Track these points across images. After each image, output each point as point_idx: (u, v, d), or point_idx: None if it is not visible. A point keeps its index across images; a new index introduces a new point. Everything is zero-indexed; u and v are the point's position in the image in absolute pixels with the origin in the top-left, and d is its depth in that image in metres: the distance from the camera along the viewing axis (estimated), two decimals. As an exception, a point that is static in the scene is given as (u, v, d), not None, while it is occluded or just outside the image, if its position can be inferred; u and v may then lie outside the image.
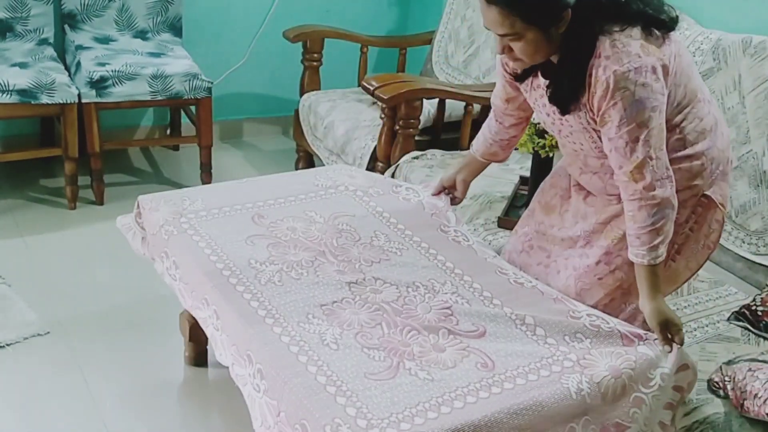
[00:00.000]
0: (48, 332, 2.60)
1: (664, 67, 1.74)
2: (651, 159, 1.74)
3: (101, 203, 3.41)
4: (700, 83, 1.90)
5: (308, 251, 2.07)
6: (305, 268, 2.00)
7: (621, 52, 1.71)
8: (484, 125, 2.23)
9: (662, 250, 1.79)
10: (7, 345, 2.52)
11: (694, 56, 2.58)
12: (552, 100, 1.86)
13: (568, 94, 1.82)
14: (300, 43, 3.63)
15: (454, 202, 2.34)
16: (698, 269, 2.00)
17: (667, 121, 1.79)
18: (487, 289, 1.99)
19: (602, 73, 1.72)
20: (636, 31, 1.73)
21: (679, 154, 1.85)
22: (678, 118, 1.84)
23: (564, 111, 1.86)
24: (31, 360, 2.49)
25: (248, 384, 1.76)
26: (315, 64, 3.67)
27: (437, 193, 2.33)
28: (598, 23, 1.73)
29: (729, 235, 2.44)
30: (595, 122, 1.81)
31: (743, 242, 2.41)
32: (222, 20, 3.94)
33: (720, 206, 1.92)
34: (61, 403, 2.33)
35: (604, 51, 1.72)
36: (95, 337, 2.60)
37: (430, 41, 3.80)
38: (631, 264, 1.86)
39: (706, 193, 1.90)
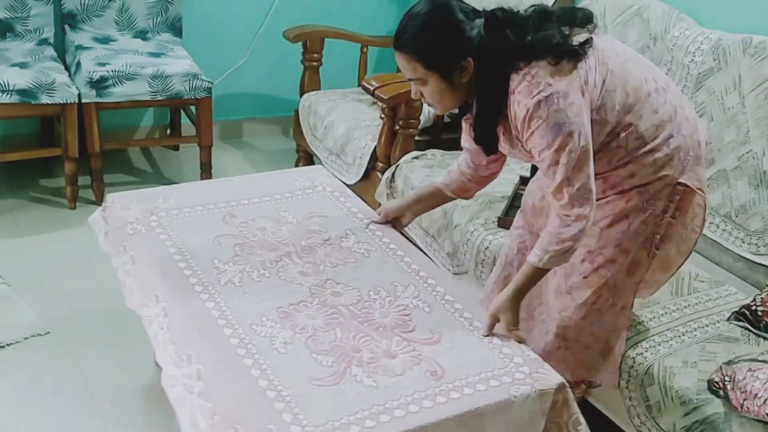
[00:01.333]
0: (48, 332, 2.60)
1: (581, 87, 1.76)
2: (569, 181, 1.77)
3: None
4: (645, 76, 1.88)
5: (275, 252, 2.08)
6: (268, 269, 2.01)
7: (531, 84, 1.74)
8: (459, 161, 2.17)
9: (551, 259, 1.82)
10: (7, 345, 2.52)
11: (694, 56, 2.58)
12: (477, 142, 1.94)
13: (488, 135, 1.90)
14: (300, 43, 3.63)
15: (397, 228, 2.29)
16: (689, 254, 2.03)
17: (617, 126, 1.84)
18: (450, 293, 1.98)
19: (517, 107, 1.78)
20: (543, 63, 1.75)
21: (641, 151, 1.87)
22: (628, 118, 1.85)
23: (488, 151, 1.96)
24: (31, 360, 2.49)
25: (179, 385, 1.74)
26: (315, 64, 3.67)
27: (382, 223, 2.27)
28: (505, 65, 1.77)
29: (729, 235, 2.44)
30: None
31: (743, 242, 2.40)
32: (222, 20, 3.94)
33: (698, 191, 1.94)
34: (61, 403, 2.33)
35: (516, 87, 1.77)
36: (95, 337, 2.60)
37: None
38: (614, 261, 1.92)
39: (680, 180, 1.91)
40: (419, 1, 1.81)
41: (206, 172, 3.56)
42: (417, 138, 3.06)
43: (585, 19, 1.86)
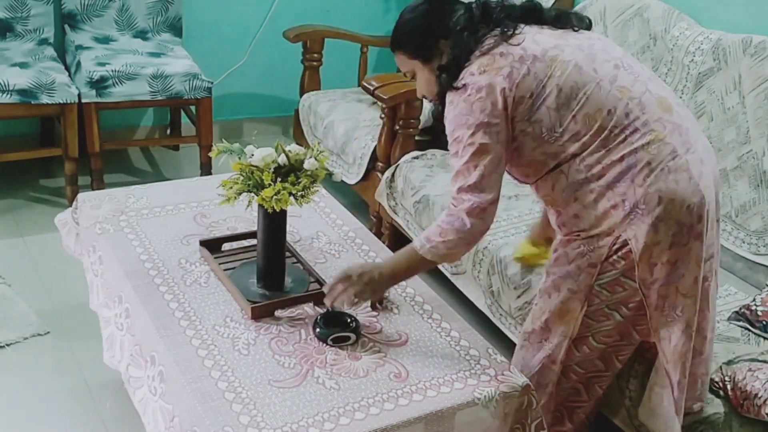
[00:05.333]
0: (48, 332, 2.60)
1: (502, 89, 1.70)
2: (462, 174, 1.75)
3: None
4: (612, 105, 1.70)
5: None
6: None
7: (469, 66, 1.75)
8: None
9: (432, 250, 1.77)
10: (7, 345, 2.52)
11: (694, 56, 2.58)
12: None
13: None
14: (300, 43, 3.63)
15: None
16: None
17: (560, 151, 1.73)
18: (420, 294, 1.98)
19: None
20: (481, 56, 1.74)
21: (583, 188, 1.75)
22: (573, 148, 1.73)
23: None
24: (31, 360, 2.49)
25: (144, 386, 1.75)
26: (315, 64, 3.67)
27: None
28: (466, 51, 1.77)
29: (729, 235, 2.44)
30: None
31: (743, 242, 2.40)
32: (222, 20, 3.93)
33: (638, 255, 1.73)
34: (61, 403, 2.33)
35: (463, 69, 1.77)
36: (95, 337, 2.59)
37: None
38: (549, 295, 1.86)
39: (626, 237, 1.72)
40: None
41: (206, 172, 3.56)
42: (417, 138, 3.06)
43: (578, 22, 1.83)
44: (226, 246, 2.10)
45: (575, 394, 1.95)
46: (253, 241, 2.11)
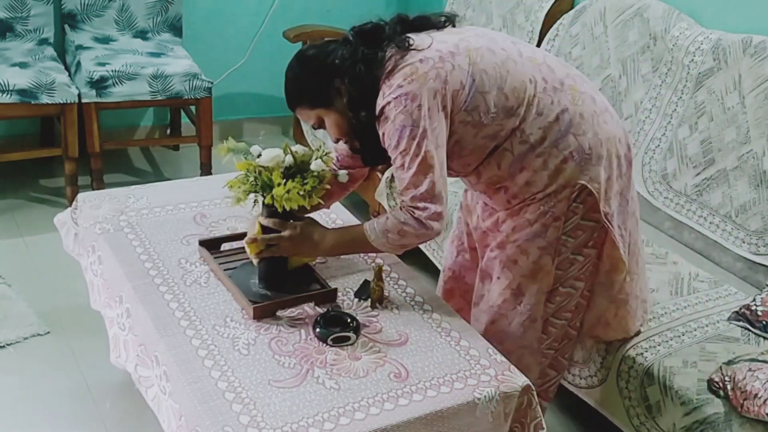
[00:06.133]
0: (48, 332, 2.60)
1: (436, 91, 1.73)
2: (414, 184, 1.76)
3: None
4: (529, 75, 1.81)
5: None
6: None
7: (386, 87, 1.76)
8: None
9: (385, 244, 1.84)
10: (7, 345, 2.52)
11: (694, 56, 2.58)
12: (364, 160, 1.94)
13: (369, 144, 1.86)
14: (300, 43, 3.63)
15: None
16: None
17: (500, 129, 1.80)
18: (420, 294, 1.98)
19: (376, 110, 1.78)
20: (404, 68, 1.74)
21: (530, 156, 1.82)
22: (511, 122, 1.80)
23: (372, 161, 1.93)
24: (31, 360, 2.49)
25: (155, 386, 1.75)
26: (315, 64, 3.66)
27: None
28: (369, 76, 1.77)
29: (729, 235, 2.44)
30: None
31: (743, 242, 2.40)
32: (222, 20, 3.93)
33: (594, 191, 1.85)
34: (61, 403, 2.33)
35: (381, 89, 1.77)
36: (95, 337, 2.60)
37: (430, 41, 3.80)
38: (515, 262, 1.91)
39: (580, 182, 1.84)
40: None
41: (206, 172, 3.56)
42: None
43: (446, 21, 1.87)
44: (225, 246, 2.10)
45: (550, 342, 2.01)
46: None
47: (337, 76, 1.80)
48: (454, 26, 1.89)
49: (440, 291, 2.24)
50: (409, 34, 1.81)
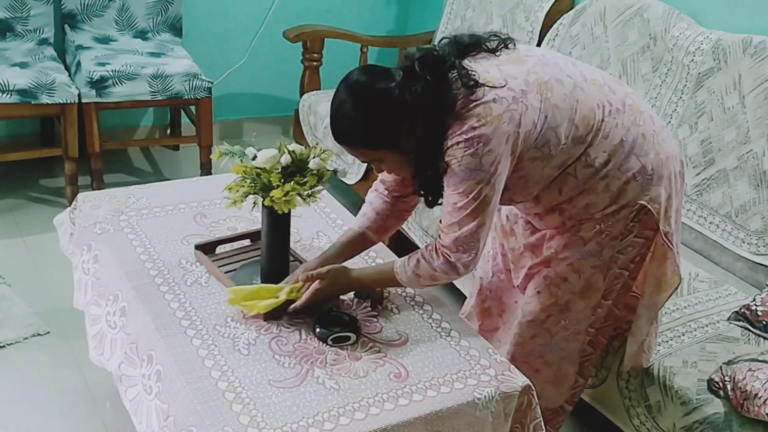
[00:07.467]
0: (48, 332, 2.60)
1: (508, 135, 1.65)
2: (459, 225, 1.71)
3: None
4: (596, 101, 1.76)
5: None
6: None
7: (457, 125, 1.65)
8: (371, 202, 1.98)
9: (413, 284, 1.83)
10: (7, 345, 2.52)
11: (694, 56, 2.58)
12: (429, 204, 1.81)
13: (433, 186, 1.76)
14: (300, 43, 3.63)
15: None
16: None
17: (567, 158, 1.75)
18: (420, 294, 1.98)
19: (447, 144, 1.68)
20: (467, 111, 1.65)
21: (593, 180, 1.78)
22: (577, 150, 1.76)
23: (433, 202, 1.81)
24: (31, 360, 2.49)
25: (138, 385, 1.74)
26: (315, 64, 3.67)
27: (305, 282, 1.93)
28: (438, 111, 1.65)
29: (729, 235, 2.44)
30: None
31: (743, 242, 2.40)
32: (222, 20, 3.93)
33: (654, 211, 1.83)
34: (61, 403, 2.33)
35: (451, 128, 1.66)
36: (95, 337, 2.60)
37: (430, 41, 3.80)
38: (566, 280, 1.89)
39: (641, 202, 1.81)
40: (336, 90, 1.71)
41: (206, 172, 3.56)
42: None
43: (500, 44, 1.75)
44: (226, 247, 2.10)
45: (584, 351, 2.00)
46: (247, 243, 2.11)
47: (409, 118, 1.66)
48: (507, 48, 1.76)
49: (476, 309, 2.18)
50: (469, 62, 1.70)
